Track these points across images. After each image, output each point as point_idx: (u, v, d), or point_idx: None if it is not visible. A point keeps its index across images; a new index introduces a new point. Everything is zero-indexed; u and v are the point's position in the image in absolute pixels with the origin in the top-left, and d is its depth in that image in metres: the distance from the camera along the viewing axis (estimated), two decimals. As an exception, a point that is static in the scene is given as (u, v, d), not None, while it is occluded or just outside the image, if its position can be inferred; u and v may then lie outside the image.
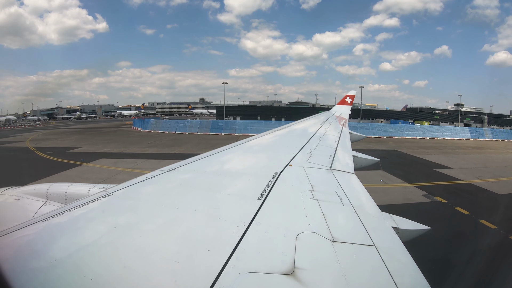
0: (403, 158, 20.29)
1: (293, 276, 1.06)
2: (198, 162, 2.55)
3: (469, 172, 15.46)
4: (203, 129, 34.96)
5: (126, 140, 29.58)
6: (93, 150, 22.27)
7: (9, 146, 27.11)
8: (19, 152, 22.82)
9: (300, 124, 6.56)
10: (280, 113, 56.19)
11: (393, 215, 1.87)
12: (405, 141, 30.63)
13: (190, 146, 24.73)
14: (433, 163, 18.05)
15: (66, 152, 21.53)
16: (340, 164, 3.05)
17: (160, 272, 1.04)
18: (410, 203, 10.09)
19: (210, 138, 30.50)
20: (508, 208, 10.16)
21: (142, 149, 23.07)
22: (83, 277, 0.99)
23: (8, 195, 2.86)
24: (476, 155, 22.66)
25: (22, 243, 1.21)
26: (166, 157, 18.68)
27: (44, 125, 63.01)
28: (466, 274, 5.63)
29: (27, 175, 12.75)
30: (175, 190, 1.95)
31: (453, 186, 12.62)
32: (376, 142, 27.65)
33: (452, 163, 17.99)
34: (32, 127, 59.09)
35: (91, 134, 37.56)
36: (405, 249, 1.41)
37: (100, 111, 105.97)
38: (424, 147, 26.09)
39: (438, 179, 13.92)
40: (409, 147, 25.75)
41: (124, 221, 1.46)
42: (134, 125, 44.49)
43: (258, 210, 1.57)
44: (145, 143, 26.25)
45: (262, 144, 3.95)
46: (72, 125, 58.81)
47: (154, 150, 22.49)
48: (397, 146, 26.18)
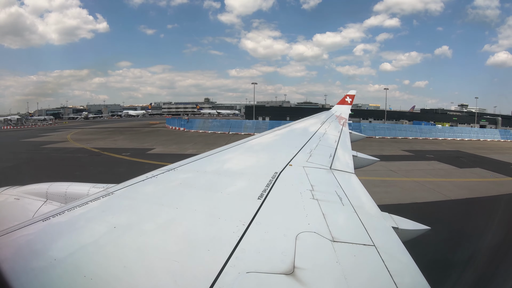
0: (477, 157, 21.36)
1: (293, 276, 1.06)
2: (198, 162, 2.55)
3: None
4: (248, 130, 34.49)
5: (190, 140, 27.81)
6: (174, 152, 20.24)
7: (56, 146, 24.29)
8: (84, 153, 20.31)
9: (300, 124, 6.56)
10: (305, 113, 55.81)
11: (393, 215, 1.87)
12: (441, 142, 30.85)
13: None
14: (505, 162, 19.13)
15: (146, 154, 19.58)
16: (340, 164, 3.05)
17: (160, 271, 1.04)
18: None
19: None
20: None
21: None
22: (83, 276, 0.99)
23: (8, 194, 2.86)
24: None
25: (22, 243, 1.21)
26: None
27: (58, 125, 61.10)
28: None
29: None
30: (175, 189, 1.95)
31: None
32: (428, 143, 28.47)
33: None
34: (46, 126, 57.59)
35: (134, 133, 36.20)
36: (405, 249, 1.41)
37: (106, 111, 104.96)
38: (476, 148, 26.38)
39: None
40: (464, 148, 25.89)
41: (124, 220, 1.46)
42: (171, 125, 43.33)
43: (258, 209, 1.57)
44: (221, 143, 24.94)
45: (262, 143, 3.95)
46: (90, 125, 56.71)
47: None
48: (451, 146, 26.64)
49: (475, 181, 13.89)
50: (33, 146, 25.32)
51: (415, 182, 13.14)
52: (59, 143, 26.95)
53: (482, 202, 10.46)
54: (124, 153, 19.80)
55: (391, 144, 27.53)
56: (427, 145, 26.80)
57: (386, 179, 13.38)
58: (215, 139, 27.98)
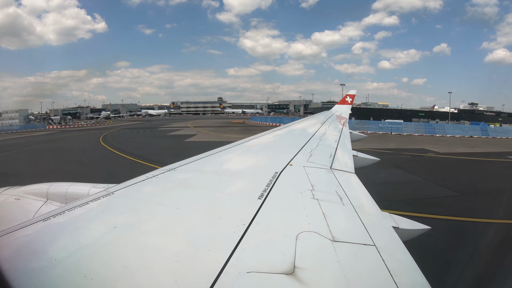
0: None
1: (293, 275, 1.06)
2: (198, 162, 2.56)
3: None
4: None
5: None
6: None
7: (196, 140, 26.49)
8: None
9: (300, 124, 6.57)
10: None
11: (393, 214, 1.87)
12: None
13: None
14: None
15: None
16: (340, 163, 3.05)
17: (161, 271, 1.04)
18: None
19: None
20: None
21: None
22: (83, 276, 0.99)
23: (8, 194, 2.86)
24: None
25: (22, 243, 1.21)
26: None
27: (105, 125, 61.48)
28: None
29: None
30: (175, 189, 1.95)
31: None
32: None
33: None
34: (94, 126, 58.35)
35: (242, 130, 36.82)
36: (405, 249, 1.41)
37: (124, 110, 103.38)
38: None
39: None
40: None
41: (125, 220, 1.46)
42: (260, 121, 43.94)
43: (258, 209, 1.57)
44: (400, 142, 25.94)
45: (262, 143, 3.95)
46: (157, 123, 57.13)
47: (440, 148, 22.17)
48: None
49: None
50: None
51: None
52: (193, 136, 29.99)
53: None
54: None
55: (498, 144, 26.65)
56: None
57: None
58: (387, 138, 29.20)
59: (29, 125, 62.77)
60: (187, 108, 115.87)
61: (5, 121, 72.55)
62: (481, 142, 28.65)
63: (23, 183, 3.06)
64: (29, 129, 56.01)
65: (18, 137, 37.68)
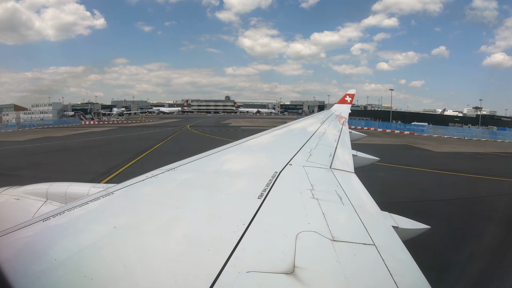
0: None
1: (293, 275, 1.06)
2: (198, 162, 2.55)
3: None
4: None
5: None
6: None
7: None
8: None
9: (300, 123, 6.57)
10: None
11: (393, 214, 1.87)
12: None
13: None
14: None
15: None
16: (340, 163, 3.05)
17: (161, 271, 1.05)
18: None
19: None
20: None
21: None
22: (83, 276, 0.99)
23: (8, 195, 2.86)
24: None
25: (22, 243, 1.21)
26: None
27: (137, 122, 58.15)
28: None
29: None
30: (175, 189, 1.95)
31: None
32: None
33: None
34: (126, 123, 55.51)
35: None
36: (405, 248, 1.41)
37: (136, 107, 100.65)
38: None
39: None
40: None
41: (124, 220, 1.46)
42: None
43: (258, 209, 1.57)
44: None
45: (262, 143, 3.95)
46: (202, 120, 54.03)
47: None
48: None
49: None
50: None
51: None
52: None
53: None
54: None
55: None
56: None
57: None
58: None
59: (62, 120, 57.68)
60: (198, 106, 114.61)
61: (35, 115, 67.46)
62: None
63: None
64: (65, 124, 50.85)
65: (96, 133, 33.26)
